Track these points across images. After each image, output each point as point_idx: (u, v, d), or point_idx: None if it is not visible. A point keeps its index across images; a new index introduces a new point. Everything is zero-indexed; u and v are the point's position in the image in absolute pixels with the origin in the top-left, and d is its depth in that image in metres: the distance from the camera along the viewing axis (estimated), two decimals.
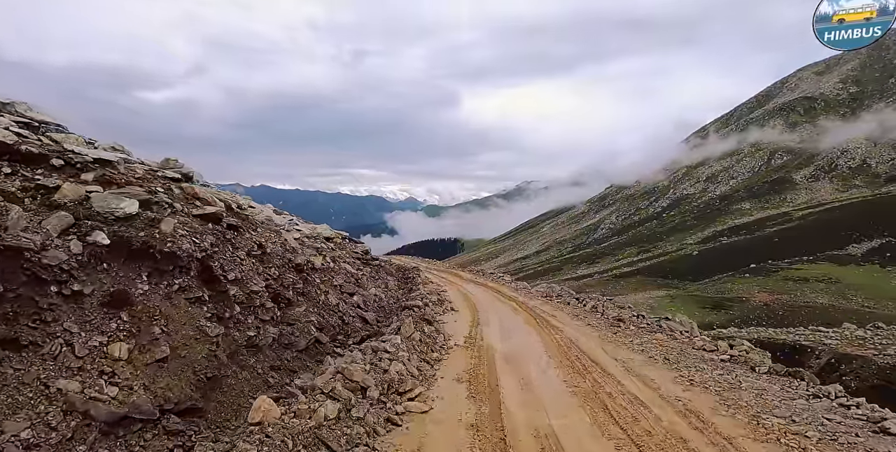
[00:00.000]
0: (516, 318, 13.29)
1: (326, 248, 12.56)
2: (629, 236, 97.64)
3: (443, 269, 29.32)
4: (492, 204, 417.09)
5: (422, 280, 18.71)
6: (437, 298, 14.69)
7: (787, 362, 23.52)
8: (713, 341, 11.45)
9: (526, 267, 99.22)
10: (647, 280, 63.22)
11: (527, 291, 19.73)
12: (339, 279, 11.57)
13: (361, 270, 14.06)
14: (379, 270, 16.88)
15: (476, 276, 25.48)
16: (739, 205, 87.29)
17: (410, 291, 16.26)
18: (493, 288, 19.58)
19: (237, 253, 7.40)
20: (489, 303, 15.70)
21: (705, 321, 40.58)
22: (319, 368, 7.19)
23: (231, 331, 6.39)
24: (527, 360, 8.97)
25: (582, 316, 14.01)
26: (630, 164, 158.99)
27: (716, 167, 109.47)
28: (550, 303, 16.39)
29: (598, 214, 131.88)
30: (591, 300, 16.67)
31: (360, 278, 12.88)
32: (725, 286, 49.91)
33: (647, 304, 47.92)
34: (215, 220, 7.12)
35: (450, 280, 21.95)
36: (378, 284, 14.66)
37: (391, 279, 17.36)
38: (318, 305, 9.39)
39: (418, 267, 24.21)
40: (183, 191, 7.22)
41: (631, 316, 13.92)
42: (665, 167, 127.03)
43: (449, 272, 27.32)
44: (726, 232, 75.90)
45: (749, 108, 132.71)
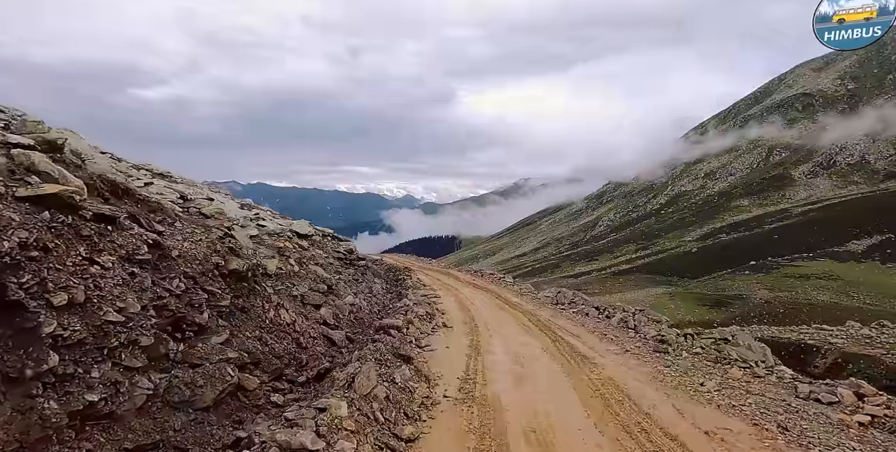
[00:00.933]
0: (530, 341, 10.22)
1: (293, 248, 11.10)
2: (627, 233, 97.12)
3: (438, 269, 27.30)
4: (489, 201, 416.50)
5: (412, 283, 17.34)
6: (426, 310, 12.21)
7: (793, 361, 23.10)
8: (814, 382, 8.13)
9: (524, 265, 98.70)
10: (646, 277, 62.71)
11: (533, 296, 17.51)
12: (303, 287, 9.80)
13: (341, 273, 12.77)
14: (365, 272, 15.61)
15: (475, 277, 23.17)
16: (738, 201, 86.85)
17: (400, 296, 14.76)
18: (494, 293, 17.45)
19: (100, 257, 4.82)
20: (492, 315, 13.23)
21: (705, 318, 40.09)
22: None
23: (39, 401, 3.65)
24: (565, 440, 5.45)
25: (612, 335, 11.14)
26: (628, 161, 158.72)
27: (714, 163, 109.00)
28: (565, 314, 13.87)
29: (595, 211, 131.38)
30: (616, 310, 13.53)
31: (334, 284, 11.24)
32: (725, 283, 49.44)
33: (647, 302, 47.43)
34: (60, 207, 4.73)
35: (445, 282, 19.92)
36: (361, 289, 13.33)
37: (378, 282, 16.07)
38: (262, 327, 7.22)
39: (410, 267, 22.80)
40: (13, 159, 4.84)
41: (677, 337, 10.77)
42: (663, 163, 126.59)
43: (445, 272, 25.24)
44: (725, 228, 75.44)
45: (747, 105, 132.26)
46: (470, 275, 24.14)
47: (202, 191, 12.35)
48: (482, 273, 24.92)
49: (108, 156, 10.63)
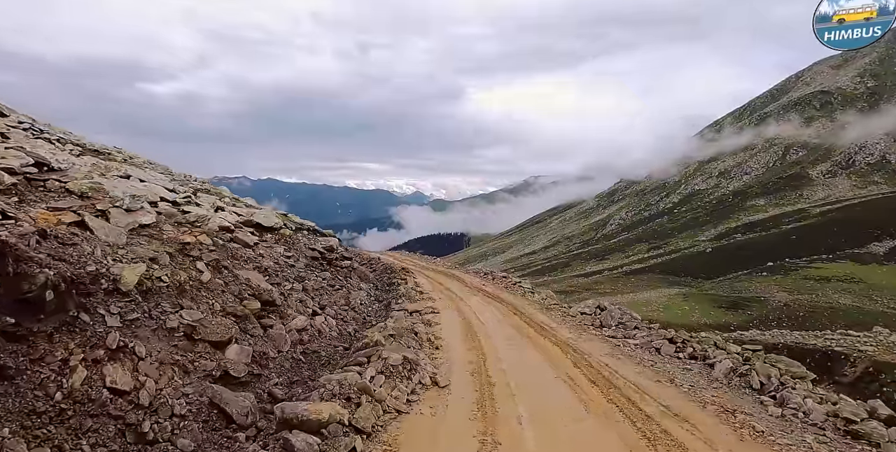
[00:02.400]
0: (598, 433, 5.58)
1: (210, 246, 7.82)
2: (639, 232, 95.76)
3: (443, 269, 24.00)
4: (499, 198, 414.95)
5: (406, 290, 14.67)
6: (406, 355, 7.32)
7: (819, 370, 22.06)
8: None
9: (533, 263, 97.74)
10: (659, 277, 61.61)
11: (564, 312, 13.25)
12: (201, 310, 6.32)
13: (306, 279, 10.31)
14: (349, 275, 13.43)
15: (484, 281, 19.74)
16: (754, 201, 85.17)
17: (388, 307, 12.56)
18: (510, 305, 13.88)
19: None
20: (514, 354, 8.84)
21: (722, 321, 39.04)
22: None
23: None
24: None
25: (743, 413, 6.24)
26: (640, 159, 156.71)
27: (729, 162, 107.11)
28: (624, 349, 9.45)
29: (607, 209, 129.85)
30: (706, 348, 9.36)
31: (279, 298, 8.27)
32: (741, 285, 48.21)
33: (660, 303, 46.43)
34: None
35: (448, 288, 16.96)
36: (334, 300, 10.82)
37: (364, 288, 13.68)
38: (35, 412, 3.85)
39: (409, 268, 20.26)
40: None
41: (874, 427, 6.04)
42: (676, 162, 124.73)
43: (449, 274, 21.79)
44: (740, 228, 73.94)
45: (763, 103, 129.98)
46: (479, 278, 20.66)
47: (147, 172, 10.46)
48: (493, 275, 21.32)
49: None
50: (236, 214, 10.75)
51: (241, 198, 14.13)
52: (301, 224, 14.03)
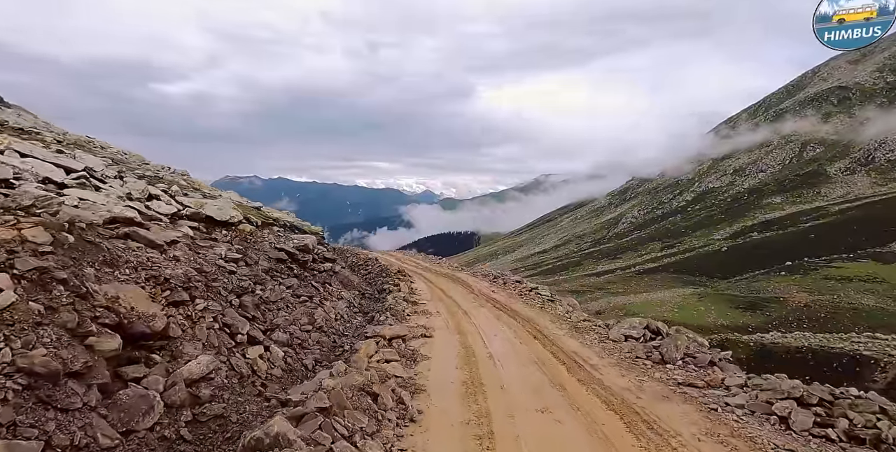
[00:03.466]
0: None
1: (28, 248, 4.90)
2: (652, 231, 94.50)
3: (448, 271, 21.36)
4: (509, 197, 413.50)
5: (394, 301, 12.28)
6: (369, 413, 5.37)
7: (846, 375, 21.22)
8: None
9: (544, 262, 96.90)
10: (673, 277, 60.60)
11: (601, 336, 10.19)
12: None
13: (262, 291, 8.31)
14: (328, 281, 11.58)
15: (493, 286, 17.10)
16: (770, 199, 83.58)
17: (371, 321, 10.72)
18: (528, 323, 11.10)
19: None
20: (546, 427, 5.67)
21: (739, 323, 38.11)
22: None
23: None
24: None
25: None
26: (652, 157, 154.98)
27: (743, 159, 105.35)
28: (726, 412, 6.20)
29: (619, 208, 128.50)
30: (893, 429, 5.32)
31: (162, 329, 5.59)
32: (759, 285, 47.06)
33: (675, 303, 45.54)
34: None
35: (450, 296, 14.67)
36: (294, 317, 8.73)
37: (347, 296, 11.90)
38: None
39: (405, 270, 18.25)
40: None
41: None
42: (689, 159, 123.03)
43: (453, 277, 18.97)
44: (757, 227, 72.53)
45: (778, 99, 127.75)
46: (487, 283, 17.88)
47: None
48: (504, 279, 18.40)
49: None
50: (179, 205, 8.88)
51: (214, 191, 12.91)
52: (275, 219, 12.48)
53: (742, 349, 25.13)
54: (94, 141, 13.28)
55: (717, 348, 10.85)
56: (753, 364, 23.81)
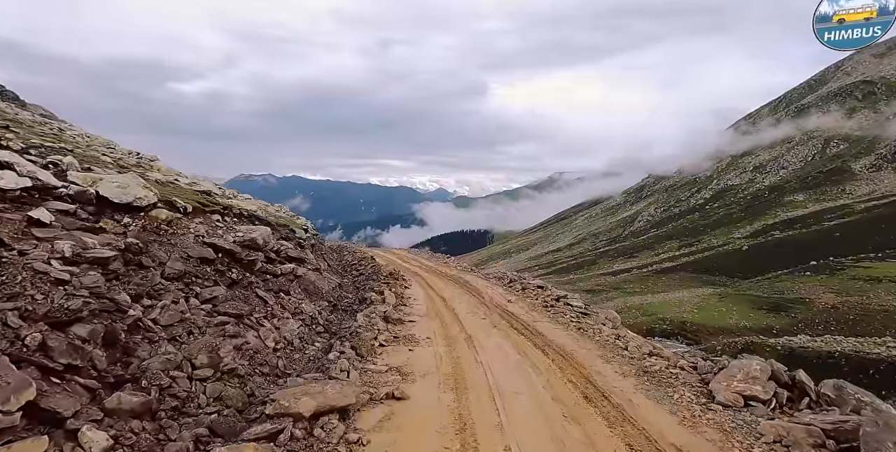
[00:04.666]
0: None
1: None
2: (669, 229, 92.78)
3: (455, 272, 18.16)
4: (523, 195, 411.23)
5: (362, 325, 8.98)
6: None
7: (884, 382, 20.13)
8: None
9: (558, 261, 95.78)
10: (692, 276, 59.27)
11: (700, 395, 6.23)
12: None
13: (150, 311, 5.69)
14: (284, 289, 9.07)
15: (509, 292, 13.87)
16: (792, 196, 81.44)
17: (328, 353, 7.55)
18: (566, 360, 7.77)
19: None
20: None
21: (763, 324, 36.91)
22: None
23: None
24: None
25: None
26: (669, 154, 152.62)
27: (764, 156, 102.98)
28: None
29: (635, 206, 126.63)
30: None
31: None
32: (783, 285, 45.67)
33: (694, 303, 44.36)
34: None
35: (451, 307, 11.57)
36: (191, 352, 5.57)
37: (308, 311, 9.14)
38: None
39: (397, 273, 15.29)
40: None
41: None
42: (707, 156, 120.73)
43: (461, 282, 15.82)
44: (778, 225, 70.67)
45: (800, 94, 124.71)
46: (501, 288, 14.76)
47: None
48: (522, 283, 15.15)
49: None
50: (58, 181, 6.41)
51: (166, 174, 10.82)
52: (226, 206, 9.69)
53: (769, 353, 24.07)
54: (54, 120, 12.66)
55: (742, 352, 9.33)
56: None
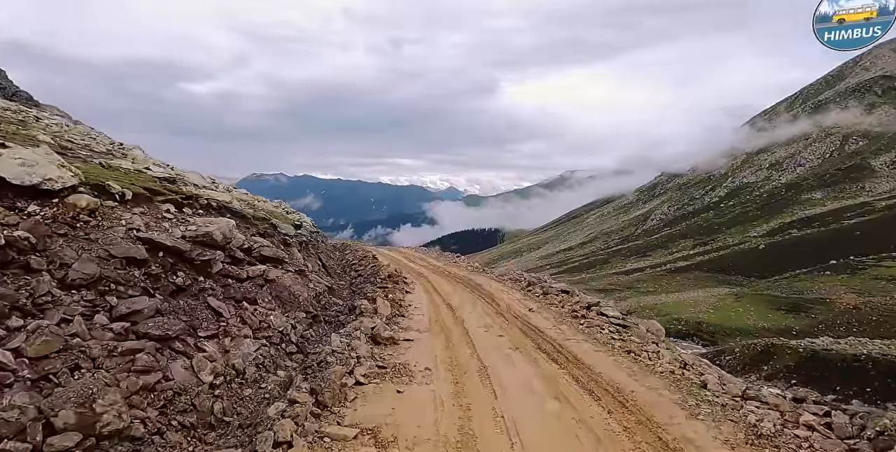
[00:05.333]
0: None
1: None
2: (683, 227, 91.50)
3: (463, 274, 16.13)
4: (533, 194, 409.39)
5: (344, 345, 6.83)
6: None
7: None
8: None
9: (570, 260, 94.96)
10: (707, 276, 58.28)
11: None
12: None
13: None
14: (248, 298, 7.18)
15: (529, 299, 11.97)
16: (809, 194, 79.84)
17: (288, 389, 5.58)
18: (633, 414, 5.30)
19: None
20: None
21: (782, 325, 36.03)
22: None
23: None
24: None
25: None
26: (682, 151, 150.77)
27: (780, 153, 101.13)
28: None
29: (647, 204, 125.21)
30: None
31: None
32: (802, 285, 44.61)
33: (709, 303, 43.51)
34: None
35: (460, 320, 9.49)
36: (131, 375, 4.51)
37: (276, 325, 7.13)
38: None
39: (396, 274, 13.30)
40: None
41: None
42: (721, 154, 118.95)
43: (469, 283, 14.24)
44: (796, 223, 69.26)
45: (817, 90, 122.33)
46: (519, 292, 12.97)
47: None
48: (543, 287, 13.05)
49: None
50: None
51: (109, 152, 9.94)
52: (188, 196, 8.18)
53: (790, 355, 23.34)
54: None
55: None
56: (804, 373, 22.03)
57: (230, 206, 9.21)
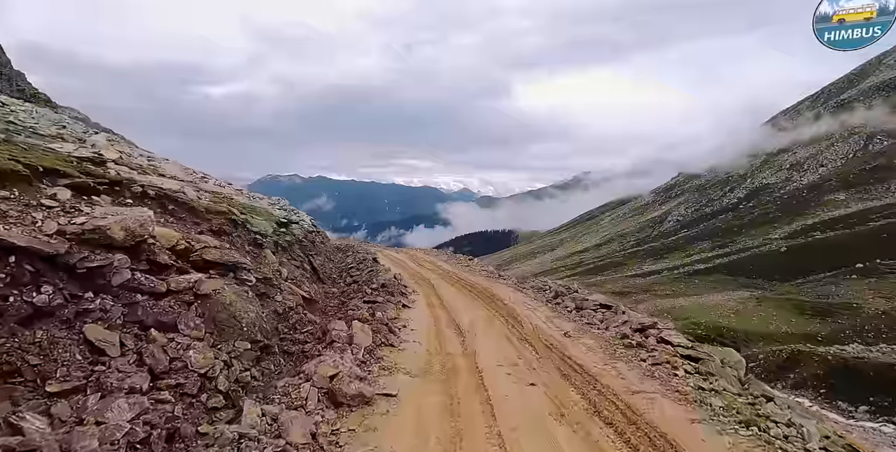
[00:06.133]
0: None
1: None
2: (701, 229, 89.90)
3: (477, 281, 14.85)
4: (547, 195, 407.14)
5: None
6: None
7: None
8: None
9: (585, 262, 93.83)
10: (727, 279, 56.96)
11: None
12: None
13: None
14: (164, 321, 4.91)
15: (559, 316, 10.22)
16: (833, 195, 77.79)
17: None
18: None
19: None
20: None
21: (808, 330, 34.88)
22: None
23: None
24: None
25: None
26: (700, 152, 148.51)
27: (801, 153, 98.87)
28: None
29: (664, 205, 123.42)
30: None
31: None
32: (826, 289, 43.30)
33: (730, 307, 42.41)
34: None
35: (468, 354, 7.55)
36: None
37: (194, 364, 4.58)
38: None
39: (404, 284, 12.37)
40: None
41: None
42: (740, 154, 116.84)
43: (488, 294, 12.55)
44: (819, 225, 67.46)
45: (839, 89, 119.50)
46: (547, 307, 11.06)
47: None
48: (576, 300, 11.10)
49: None
50: None
51: None
52: (115, 181, 6.65)
53: (818, 364, 22.46)
54: None
55: None
56: (834, 382, 21.14)
57: (175, 195, 7.32)
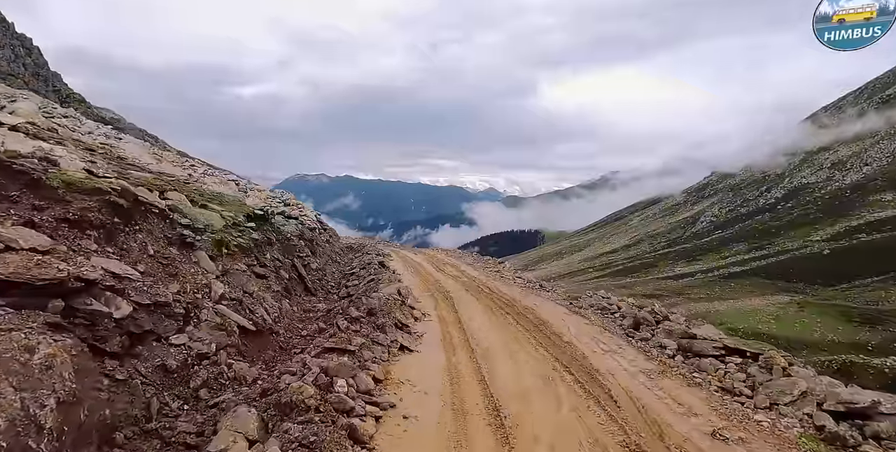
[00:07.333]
0: None
1: None
2: (736, 230, 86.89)
3: (510, 296, 11.26)
4: (574, 194, 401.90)
5: None
6: None
7: None
8: None
9: (614, 263, 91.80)
10: (765, 282, 54.73)
11: None
12: None
13: None
14: None
15: (656, 362, 6.97)
16: (878, 195, 74.10)
17: None
18: None
19: None
20: None
21: (856, 339, 33.00)
22: None
23: None
24: None
25: None
26: (729, 151, 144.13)
27: (843, 152, 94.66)
28: None
29: (696, 206, 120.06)
30: None
31: None
32: (874, 294, 41.08)
33: (769, 313, 40.57)
34: None
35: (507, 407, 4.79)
36: None
37: None
38: None
39: (410, 303, 9.26)
40: None
41: None
42: (777, 152, 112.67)
43: (524, 316, 9.31)
44: (864, 227, 64.29)
45: (885, 84, 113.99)
46: (633, 349, 7.60)
47: None
48: (672, 330, 8.52)
49: None
50: None
51: None
52: None
53: (873, 376, 21.02)
54: None
55: None
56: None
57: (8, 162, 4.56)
